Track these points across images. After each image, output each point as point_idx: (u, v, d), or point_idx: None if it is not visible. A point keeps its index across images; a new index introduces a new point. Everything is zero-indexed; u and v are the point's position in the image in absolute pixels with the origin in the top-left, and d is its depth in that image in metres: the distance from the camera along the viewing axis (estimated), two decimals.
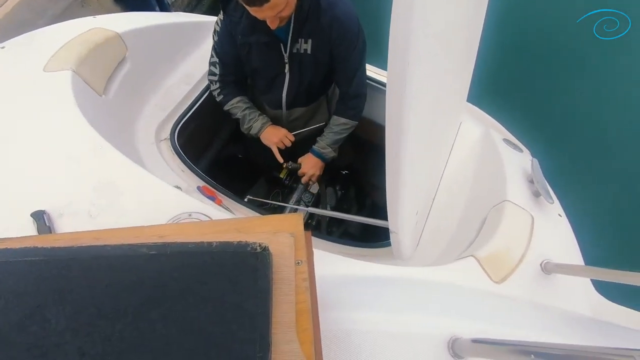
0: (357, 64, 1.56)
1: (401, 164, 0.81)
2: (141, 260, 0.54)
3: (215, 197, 1.52)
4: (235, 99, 1.67)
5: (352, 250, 1.47)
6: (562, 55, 3.64)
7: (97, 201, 1.00)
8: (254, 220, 0.69)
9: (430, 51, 0.73)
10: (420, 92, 0.76)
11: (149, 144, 1.59)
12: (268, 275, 0.56)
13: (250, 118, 1.70)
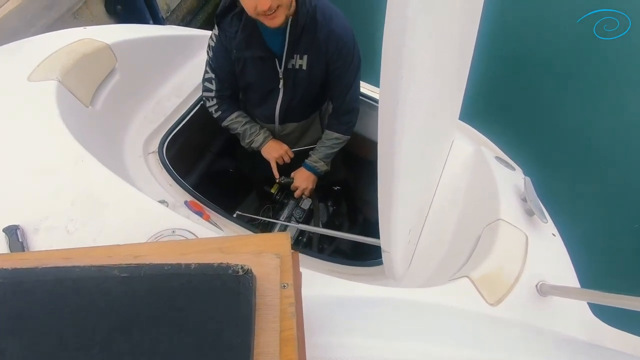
0: (352, 79, 1.54)
1: (393, 182, 0.77)
2: (111, 284, 0.49)
3: (202, 213, 1.46)
4: (234, 114, 1.64)
5: (343, 269, 1.42)
6: (562, 56, 3.62)
7: (76, 216, 0.94)
8: (238, 240, 0.64)
9: (423, 67, 0.71)
10: (413, 109, 0.73)
11: (137, 156, 1.54)
12: (251, 300, 0.51)
13: (252, 132, 1.67)
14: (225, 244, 0.62)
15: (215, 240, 0.63)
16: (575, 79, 3.62)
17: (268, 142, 1.69)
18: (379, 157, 0.74)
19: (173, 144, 1.80)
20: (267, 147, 1.69)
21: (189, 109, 1.70)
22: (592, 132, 3.27)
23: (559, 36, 3.72)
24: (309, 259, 1.41)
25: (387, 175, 0.76)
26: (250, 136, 1.67)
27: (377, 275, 1.42)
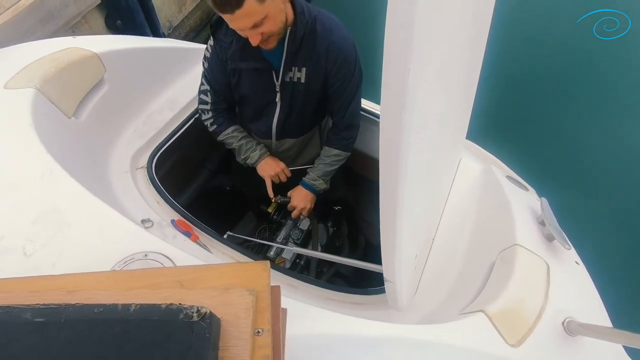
0: (353, 93, 1.44)
1: (397, 204, 0.65)
2: (19, 333, 0.36)
3: (191, 233, 1.34)
4: (229, 128, 1.53)
5: (342, 296, 1.27)
6: (562, 56, 3.52)
7: (36, 237, 0.82)
8: (205, 270, 0.51)
9: (429, 84, 0.60)
10: (421, 123, 0.62)
11: (123, 172, 1.42)
12: (207, 355, 0.38)
13: (248, 148, 1.56)
14: (187, 276, 0.49)
15: (176, 270, 0.50)
16: (580, 88, 3.49)
17: (264, 159, 1.58)
18: (381, 177, 0.62)
19: (165, 160, 1.69)
20: (262, 164, 1.58)
21: (183, 122, 1.60)
22: (597, 145, 3.10)
23: (558, 36, 3.64)
24: (305, 285, 1.27)
25: (390, 196, 0.64)
26: (246, 152, 1.57)
27: (379, 304, 1.28)
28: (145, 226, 1.30)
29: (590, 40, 3.34)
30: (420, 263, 1.22)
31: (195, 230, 1.36)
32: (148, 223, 1.31)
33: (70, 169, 1.01)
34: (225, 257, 1.32)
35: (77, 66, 1.26)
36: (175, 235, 1.30)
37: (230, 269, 0.50)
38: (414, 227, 0.85)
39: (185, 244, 1.28)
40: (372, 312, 1.25)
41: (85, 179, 1.05)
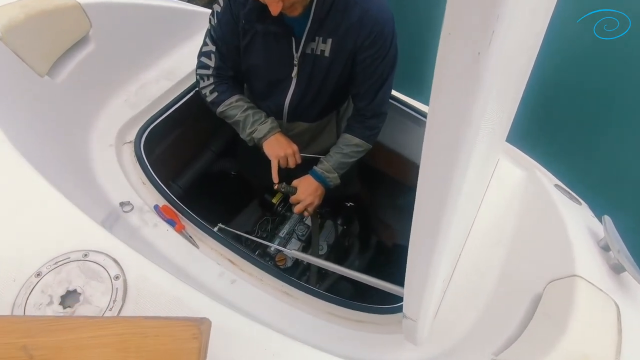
0: (385, 75, 1.18)
1: (438, 239, 0.41)
2: None
3: (176, 222, 1.11)
4: (233, 97, 1.25)
5: (347, 313, 1.03)
6: (562, 57, 3.29)
7: None
8: (78, 333, 0.27)
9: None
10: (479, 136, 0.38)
11: (107, 145, 1.21)
12: None
13: (255, 119, 1.26)
14: (43, 337, 0.26)
15: (33, 323, 0.27)
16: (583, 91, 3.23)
17: (274, 135, 1.27)
18: (420, 201, 0.38)
19: (161, 137, 1.48)
20: (271, 140, 1.27)
21: (181, 95, 1.37)
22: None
23: (558, 36, 3.35)
24: (303, 295, 1.04)
25: (430, 226, 0.40)
26: (253, 125, 1.27)
27: (389, 326, 1.03)
28: (124, 210, 1.09)
29: (590, 41, 3.15)
30: (444, 286, 0.96)
31: (181, 219, 1.13)
32: (127, 207, 1.10)
33: (25, 137, 0.80)
34: (213, 254, 1.10)
35: (53, 16, 1.03)
36: (157, 224, 1.09)
37: (126, 333, 0.27)
38: (449, 254, 0.60)
39: (165, 235, 1.06)
40: (381, 336, 1.00)
41: (48, 149, 0.84)
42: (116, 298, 0.59)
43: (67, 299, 0.60)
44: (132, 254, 0.65)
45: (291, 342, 0.67)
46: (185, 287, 0.65)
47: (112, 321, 0.30)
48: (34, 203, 0.67)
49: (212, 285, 1.00)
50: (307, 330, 0.98)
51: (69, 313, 0.58)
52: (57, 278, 0.60)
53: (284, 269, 1.49)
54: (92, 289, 0.60)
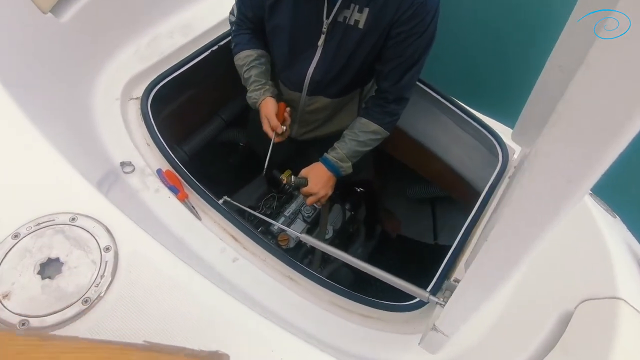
0: (417, 56, 1.05)
1: (513, 269, 0.31)
2: None
3: (179, 189, 1.01)
4: (245, 51, 1.14)
5: (351, 305, 0.95)
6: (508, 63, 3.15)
7: None
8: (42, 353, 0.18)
9: None
10: None
11: (112, 99, 1.09)
12: None
13: (253, 81, 1.15)
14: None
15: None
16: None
17: (264, 100, 1.15)
18: (500, 232, 0.28)
19: (170, 97, 1.36)
20: (262, 105, 1.15)
21: (196, 53, 1.24)
22: None
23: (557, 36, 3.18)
24: (306, 281, 0.95)
25: (514, 257, 0.29)
26: (251, 90, 1.16)
27: (395, 324, 0.95)
28: (124, 170, 0.99)
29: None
30: None
31: (185, 187, 1.03)
32: (128, 167, 1.00)
33: (18, 77, 0.69)
34: (216, 228, 1.00)
35: None
36: (158, 189, 0.99)
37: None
38: None
39: (166, 202, 0.96)
40: (386, 335, 0.92)
41: (44, 95, 0.72)
42: (104, 273, 0.50)
43: (47, 267, 0.50)
44: (126, 223, 0.55)
45: (295, 341, 0.59)
46: (184, 266, 0.56)
47: (76, 347, 0.20)
48: (19, 152, 0.57)
49: (212, 261, 0.90)
50: (309, 320, 0.90)
51: (47, 285, 0.49)
52: (37, 242, 0.50)
53: (285, 249, 1.41)
54: (77, 260, 0.51)
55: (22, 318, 0.47)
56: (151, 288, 0.51)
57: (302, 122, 1.29)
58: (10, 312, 0.47)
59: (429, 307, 0.92)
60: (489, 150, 1.31)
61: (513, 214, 0.28)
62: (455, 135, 1.42)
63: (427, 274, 1.00)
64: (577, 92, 0.25)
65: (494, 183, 1.12)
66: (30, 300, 0.48)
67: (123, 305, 0.49)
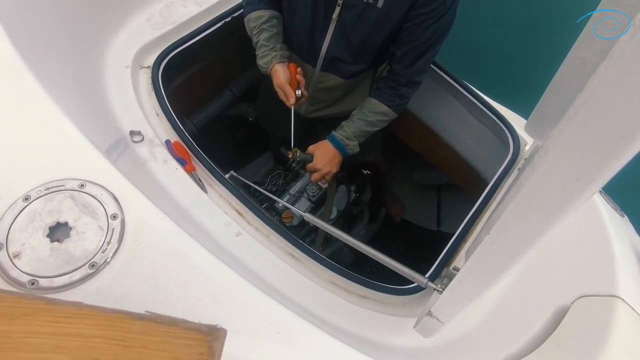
0: (433, 40, 1.02)
1: (510, 268, 0.31)
2: None
3: (186, 161, 1.02)
4: (255, 12, 1.09)
5: (351, 285, 0.96)
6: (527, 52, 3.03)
7: None
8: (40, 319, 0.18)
9: None
10: None
11: (123, 67, 1.08)
12: None
13: (261, 45, 1.10)
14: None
15: None
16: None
17: (274, 65, 1.10)
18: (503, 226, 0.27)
19: (182, 68, 1.34)
20: (273, 71, 1.10)
21: (209, 23, 1.21)
22: None
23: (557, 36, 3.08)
24: (308, 260, 0.97)
25: (515, 251, 0.29)
26: (261, 54, 1.10)
27: (392, 307, 0.97)
28: (133, 140, 0.99)
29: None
30: None
31: (192, 160, 1.04)
32: (137, 137, 1.00)
33: (31, 41, 0.68)
34: (222, 201, 1.01)
35: None
36: (166, 160, 0.99)
37: (99, 337, 0.17)
38: None
39: (174, 174, 0.97)
40: (383, 316, 0.94)
41: (56, 60, 0.72)
42: (111, 240, 0.51)
43: (56, 231, 0.52)
44: (134, 193, 0.56)
45: (292, 316, 0.60)
46: (188, 238, 0.57)
47: (79, 313, 0.21)
48: (31, 117, 0.57)
49: (216, 234, 0.92)
50: (308, 297, 0.91)
51: (56, 247, 0.51)
52: (47, 206, 0.52)
53: (289, 226, 1.42)
54: (85, 225, 0.52)
55: (32, 278, 0.49)
56: (155, 257, 0.52)
57: (312, 99, 1.27)
58: (20, 271, 0.49)
59: (426, 293, 0.93)
60: (501, 140, 1.29)
61: (518, 208, 0.27)
62: (466, 122, 1.39)
63: (428, 260, 1.01)
64: (598, 86, 0.24)
65: (503, 174, 1.11)
66: (39, 261, 0.50)
67: (128, 272, 0.51)
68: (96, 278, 0.49)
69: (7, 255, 0.48)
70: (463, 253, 0.94)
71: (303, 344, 0.54)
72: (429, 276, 0.89)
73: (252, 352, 0.49)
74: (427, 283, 0.70)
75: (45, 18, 0.84)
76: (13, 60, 0.59)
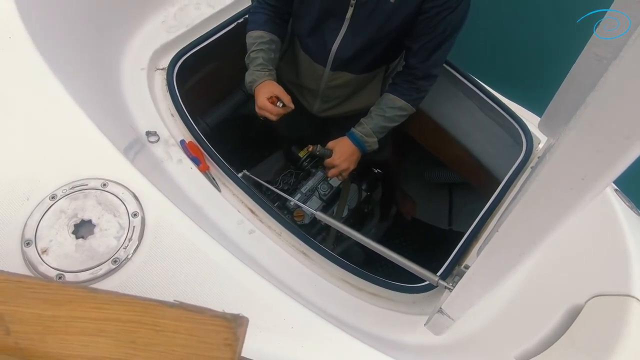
0: (447, 33, 1.02)
1: (519, 264, 0.32)
2: None
3: (200, 161, 1.05)
4: (257, 31, 1.12)
5: (361, 283, 0.98)
6: (563, 57, 2.97)
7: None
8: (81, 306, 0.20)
9: None
10: None
11: (139, 69, 1.11)
12: None
13: (259, 63, 1.12)
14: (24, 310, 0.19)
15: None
16: None
17: (261, 84, 1.11)
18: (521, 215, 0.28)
19: (195, 69, 1.37)
20: (257, 90, 1.12)
21: (222, 25, 1.24)
22: None
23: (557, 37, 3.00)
24: (319, 258, 0.98)
25: (524, 248, 0.30)
26: (249, 72, 1.13)
27: (403, 305, 0.98)
28: (149, 140, 1.02)
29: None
30: None
31: (206, 159, 1.06)
32: (153, 137, 1.03)
33: (55, 46, 0.71)
34: (235, 200, 1.04)
35: None
36: (181, 160, 1.02)
37: (134, 322, 0.19)
38: None
39: (189, 173, 1.00)
40: (394, 314, 0.95)
41: (77, 63, 0.75)
42: (132, 237, 0.54)
43: (80, 228, 0.54)
44: (153, 192, 0.58)
45: (305, 312, 0.62)
46: (205, 236, 0.59)
47: (118, 300, 0.23)
48: (56, 119, 0.60)
49: (229, 232, 0.94)
50: (320, 295, 0.93)
51: (80, 244, 0.53)
52: (72, 204, 0.54)
53: (300, 224, 1.44)
54: (108, 223, 0.54)
55: (59, 272, 0.52)
56: (174, 253, 0.54)
57: (324, 97, 1.29)
58: (48, 265, 0.52)
59: (438, 291, 0.94)
60: (513, 138, 1.28)
61: (525, 205, 0.28)
62: (478, 120, 1.39)
63: (439, 258, 1.01)
64: (603, 86, 0.25)
65: (515, 172, 1.10)
66: (65, 256, 0.52)
67: (148, 267, 0.53)
68: (119, 273, 0.52)
69: (36, 251, 0.51)
70: (475, 252, 0.94)
71: (316, 338, 0.56)
72: (440, 274, 0.90)
73: (268, 345, 0.50)
74: (438, 281, 0.71)
75: (67, 25, 0.87)
76: (39, 65, 0.62)
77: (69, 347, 0.20)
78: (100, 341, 0.21)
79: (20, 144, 0.56)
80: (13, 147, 0.55)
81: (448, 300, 0.51)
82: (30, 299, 0.20)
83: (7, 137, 0.55)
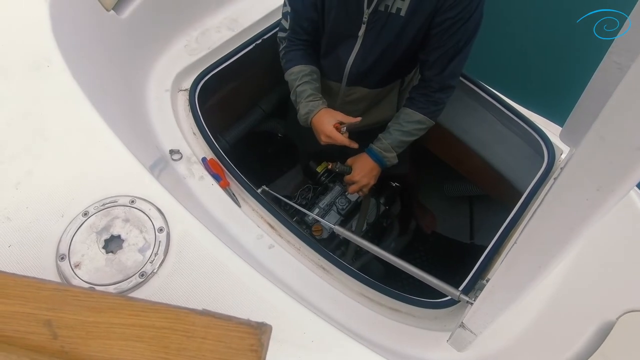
0: (462, 43, 1.03)
1: (542, 275, 0.31)
2: None
3: (221, 177, 1.08)
4: (297, 66, 1.16)
5: (382, 298, 0.97)
6: (563, 57, 2.86)
7: (4, 143, 0.59)
8: (118, 313, 0.22)
9: None
10: None
11: (163, 90, 1.17)
12: None
13: (309, 94, 1.14)
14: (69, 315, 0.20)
15: (50, 292, 0.22)
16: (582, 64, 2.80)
17: (317, 113, 1.14)
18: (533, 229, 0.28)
19: (216, 88, 1.42)
20: (316, 118, 1.14)
21: (241, 46, 1.29)
22: None
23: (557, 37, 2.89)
24: (338, 272, 0.99)
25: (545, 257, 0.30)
26: (300, 103, 1.15)
27: (424, 320, 0.96)
28: (173, 158, 1.07)
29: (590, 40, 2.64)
30: None
31: (227, 176, 1.10)
32: (176, 155, 1.08)
33: (86, 71, 0.77)
34: (254, 215, 1.06)
35: None
36: (203, 177, 1.06)
37: (168, 328, 0.21)
38: None
39: (210, 189, 1.03)
40: (415, 330, 0.94)
41: (107, 86, 0.80)
42: (158, 251, 0.56)
43: (110, 243, 0.57)
44: (177, 208, 0.61)
45: (325, 325, 0.62)
46: (227, 250, 0.61)
47: (152, 308, 0.25)
48: (88, 140, 0.64)
49: (249, 247, 0.96)
50: (339, 309, 0.93)
51: (110, 258, 0.56)
52: (102, 221, 0.58)
53: (319, 239, 1.45)
54: (135, 238, 0.57)
55: (90, 285, 0.54)
56: (197, 267, 0.57)
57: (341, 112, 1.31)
58: (80, 279, 0.55)
59: (460, 306, 0.92)
60: (534, 149, 1.26)
61: (542, 216, 0.29)
62: (497, 132, 1.38)
63: (461, 273, 1.00)
64: (615, 97, 0.25)
65: (538, 184, 1.08)
66: (96, 270, 0.55)
67: (173, 280, 0.56)
68: (146, 286, 0.55)
69: (70, 265, 0.55)
70: (497, 265, 0.92)
71: (336, 352, 0.56)
72: (462, 289, 0.88)
73: (288, 358, 0.51)
74: (460, 295, 0.70)
75: (98, 52, 0.93)
76: (74, 91, 0.67)
77: (109, 350, 0.21)
78: (137, 346, 0.22)
79: (57, 164, 0.60)
80: (50, 167, 0.59)
81: (469, 314, 0.50)
82: (75, 306, 0.22)
83: (44, 157, 0.60)
